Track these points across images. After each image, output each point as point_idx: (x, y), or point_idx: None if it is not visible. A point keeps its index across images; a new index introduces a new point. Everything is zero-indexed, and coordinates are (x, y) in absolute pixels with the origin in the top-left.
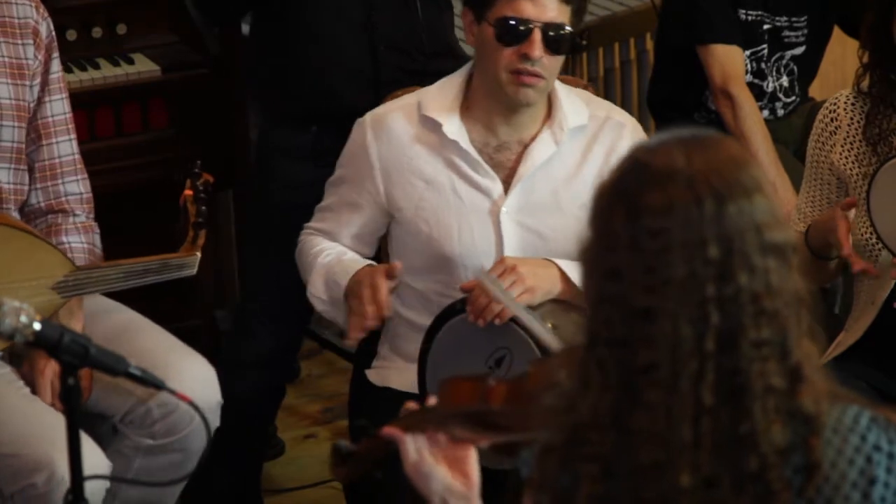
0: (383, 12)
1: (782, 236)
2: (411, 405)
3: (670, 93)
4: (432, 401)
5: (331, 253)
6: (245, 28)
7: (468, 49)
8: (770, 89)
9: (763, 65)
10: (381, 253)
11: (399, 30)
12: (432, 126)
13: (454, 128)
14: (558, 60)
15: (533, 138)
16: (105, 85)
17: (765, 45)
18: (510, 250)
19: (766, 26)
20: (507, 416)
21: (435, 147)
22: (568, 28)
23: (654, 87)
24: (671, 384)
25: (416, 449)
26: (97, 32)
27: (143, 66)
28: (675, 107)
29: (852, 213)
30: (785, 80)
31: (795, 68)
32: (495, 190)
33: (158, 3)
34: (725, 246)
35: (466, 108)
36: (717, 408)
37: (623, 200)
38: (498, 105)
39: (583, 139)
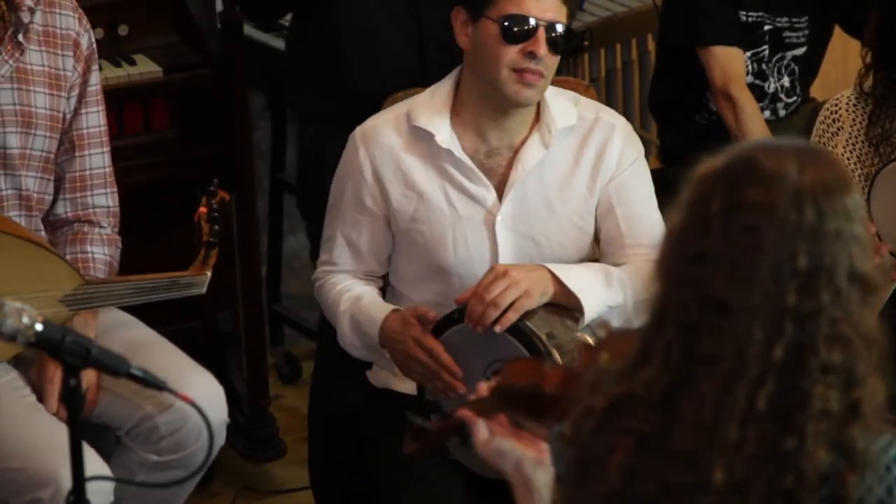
0: (428, 10)
1: (870, 271)
2: (483, 387)
3: (672, 94)
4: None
5: (348, 297)
6: (247, 29)
7: None
8: (771, 90)
9: (764, 66)
10: None
11: (448, 28)
12: (423, 136)
13: (446, 136)
14: (556, 60)
15: (522, 143)
16: (107, 86)
17: (766, 46)
18: (505, 258)
19: (766, 27)
20: (559, 402)
21: (427, 157)
22: (568, 28)
23: (656, 87)
24: (728, 382)
25: (486, 429)
26: (98, 33)
27: (144, 67)
28: (676, 107)
29: None
30: (786, 81)
31: (796, 69)
32: (489, 198)
33: (160, 4)
34: (816, 261)
35: (456, 114)
36: (768, 417)
37: (725, 188)
38: (489, 109)
39: (573, 141)
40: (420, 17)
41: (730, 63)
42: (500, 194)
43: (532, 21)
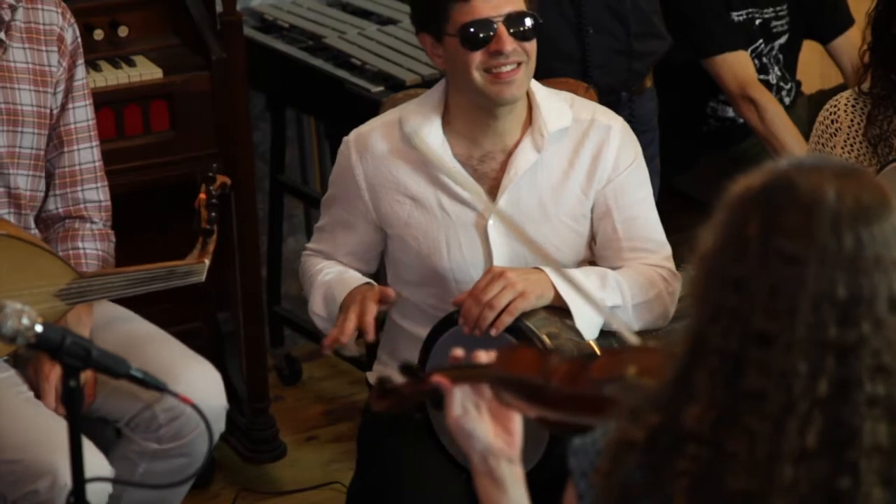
0: None
1: None
2: (458, 353)
3: (669, 110)
4: (483, 357)
5: (331, 271)
6: (247, 31)
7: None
8: (774, 82)
9: (765, 59)
10: (380, 266)
11: (606, 11)
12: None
13: (436, 143)
14: (532, 46)
15: (515, 145)
16: (106, 87)
17: (761, 41)
18: (499, 261)
19: (757, 21)
20: (562, 395)
21: (418, 163)
22: (529, 13)
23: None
24: (778, 419)
25: (461, 403)
26: (98, 35)
27: (144, 69)
28: (676, 122)
29: None
30: (777, 70)
31: (781, 57)
32: (480, 202)
33: (160, 6)
34: (855, 291)
35: (448, 122)
36: (819, 455)
37: (761, 211)
38: (479, 115)
39: (568, 144)
40: (580, 1)
41: (740, 67)
42: (494, 198)
43: (489, 22)
